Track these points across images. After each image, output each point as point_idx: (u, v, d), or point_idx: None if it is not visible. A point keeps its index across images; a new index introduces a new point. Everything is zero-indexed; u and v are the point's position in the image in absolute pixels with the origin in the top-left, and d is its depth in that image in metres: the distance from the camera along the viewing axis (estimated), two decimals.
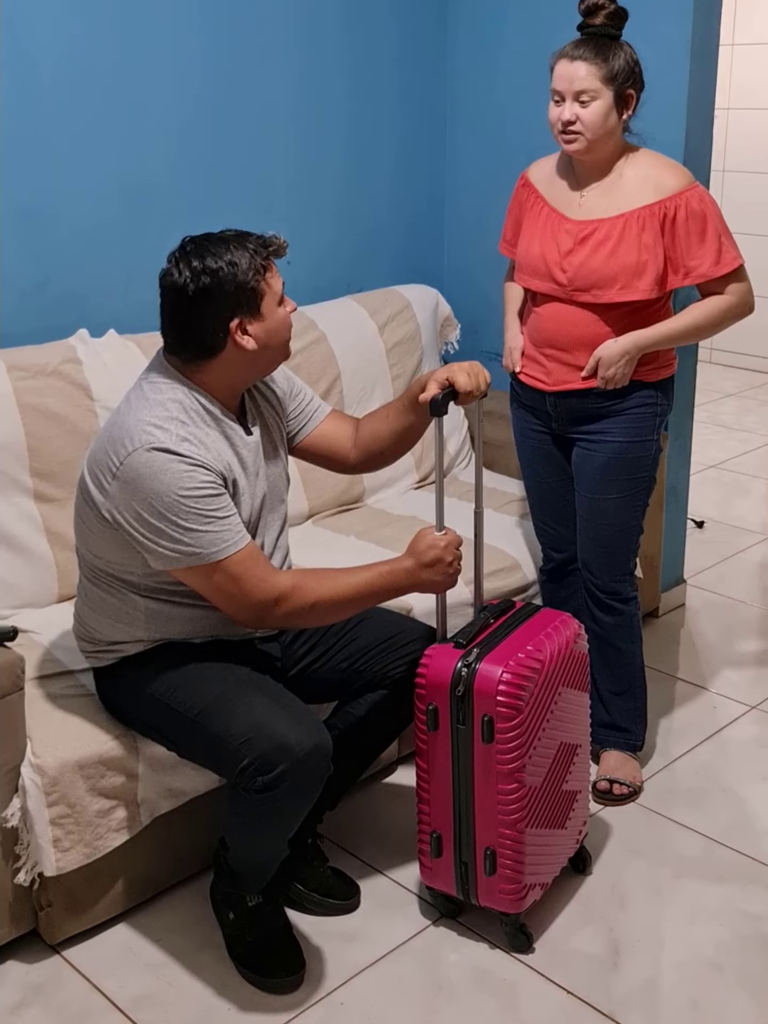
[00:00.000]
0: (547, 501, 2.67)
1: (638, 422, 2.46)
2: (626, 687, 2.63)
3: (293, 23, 3.05)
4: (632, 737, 2.64)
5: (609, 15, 2.32)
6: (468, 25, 3.36)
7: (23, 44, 2.56)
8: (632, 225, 2.34)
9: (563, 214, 2.43)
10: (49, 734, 2.07)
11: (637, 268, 2.34)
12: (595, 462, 2.49)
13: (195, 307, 1.90)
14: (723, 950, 2.16)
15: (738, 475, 4.68)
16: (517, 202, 2.57)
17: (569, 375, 2.45)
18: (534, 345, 2.51)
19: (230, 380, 1.99)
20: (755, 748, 2.79)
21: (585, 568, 2.59)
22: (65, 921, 2.12)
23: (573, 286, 2.39)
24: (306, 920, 2.21)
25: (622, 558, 2.56)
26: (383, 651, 2.20)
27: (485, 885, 2.10)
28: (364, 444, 2.22)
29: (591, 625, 2.60)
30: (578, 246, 2.38)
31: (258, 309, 1.93)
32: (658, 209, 2.34)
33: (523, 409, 2.61)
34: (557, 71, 2.33)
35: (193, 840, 2.27)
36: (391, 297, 3.28)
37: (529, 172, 2.55)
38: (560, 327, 2.44)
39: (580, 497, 2.55)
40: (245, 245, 1.91)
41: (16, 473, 2.47)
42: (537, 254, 2.44)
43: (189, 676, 2.02)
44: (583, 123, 2.30)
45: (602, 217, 2.37)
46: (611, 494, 2.49)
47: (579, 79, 2.28)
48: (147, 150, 2.84)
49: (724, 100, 5.55)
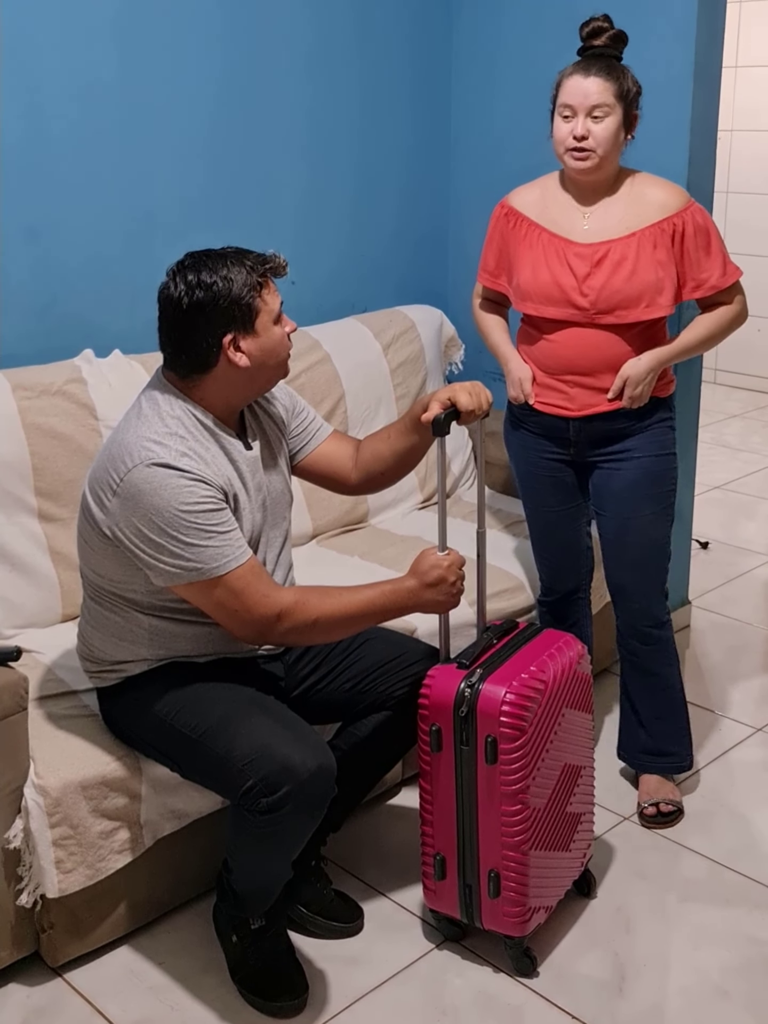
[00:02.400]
0: (552, 532, 2.64)
1: (660, 436, 2.49)
2: (668, 710, 2.61)
3: (302, 46, 3.08)
4: (677, 759, 2.62)
5: (611, 37, 2.36)
6: (471, 53, 3.38)
7: (29, 66, 2.58)
8: (645, 243, 2.36)
9: (567, 238, 2.41)
10: (52, 754, 2.06)
11: (657, 285, 2.36)
12: (624, 480, 2.48)
13: (189, 321, 1.91)
14: (729, 975, 2.14)
15: (742, 496, 4.67)
16: (498, 232, 2.55)
17: (594, 399, 2.44)
18: (548, 373, 2.48)
19: (226, 396, 1.99)
20: (761, 771, 2.77)
21: (619, 594, 2.56)
22: (67, 943, 2.11)
23: (596, 309, 2.38)
24: (309, 943, 2.20)
25: (657, 577, 2.55)
26: (387, 671, 2.19)
27: (489, 908, 2.09)
28: (365, 465, 2.22)
29: (626, 654, 2.60)
30: (595, 269, 2.37)
31: (252, 326, 1.93)
32: (667, 226, 2.36)
33: (533, 437, 2.56)
34: (568, 86, 2.32)
35: (196, 862, 2.26)
36: (395, 317, 3.29)
37: (510, 200, 2.53)
38: (581, 352, 2.42)
39: (606, 520, 2.52)
40: (242, 261, 1.92)
41: (20, 492, 2.47)
42: (549, 281, 2.41)
43: (193, 696, 2.02)
44: (595, 139, 2.31)
45: (612, 238, 2.38)
46: (645, 511, 2.48)
47: (594, 94, 2.29)
48: (153, 171, 2.85)
49: (727, 122, 5.58)
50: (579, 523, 2.63)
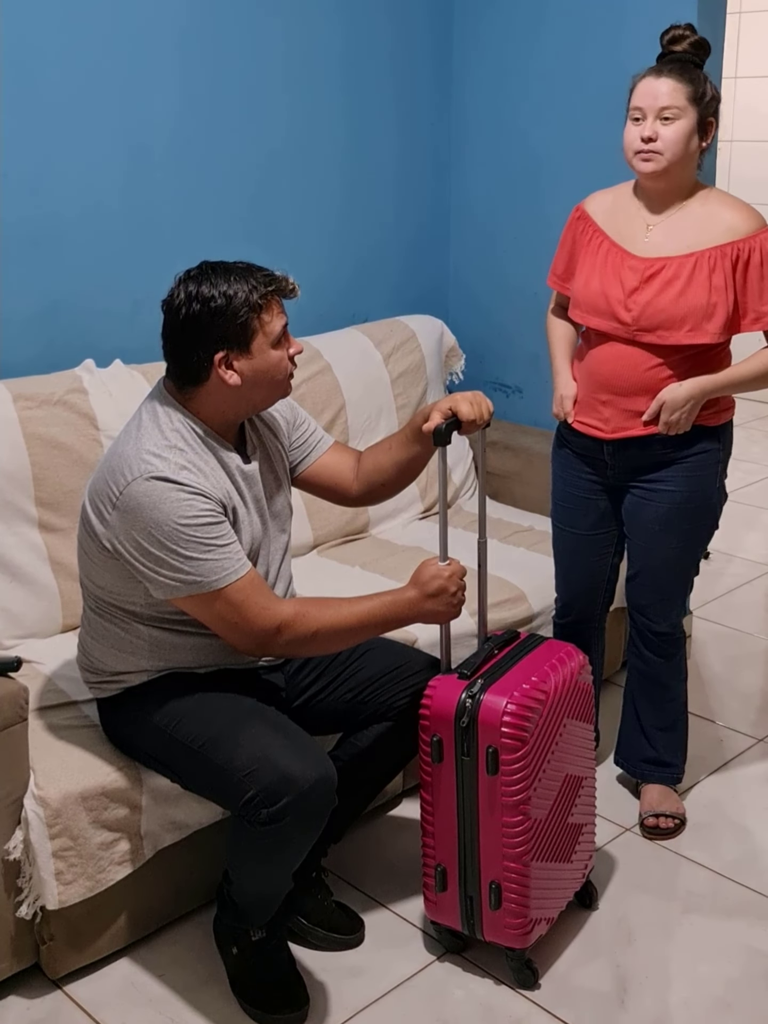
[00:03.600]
0: (576, 557, 2.58)
1: (700, 470, 2.37)
2: (671, 722, 2.60)
3: (296, 52, 3.08)
4: (675, 771, 2.62)
5: (693, 44, 2.27)
6: (474, 54, 3.39)
7: (28, 72, 2.59)
8: (703, 265, 2.24)
9: (626, 250, 2.32)
10: (52, 765, 2.06)
11: (707, 310, 2.24)
12: (654, 512, 2.40)
13: (184, 332, 1.91)
14: (732, 987, 2.13)
15: (744, 506, 4.67)
16: (571, 235, 2.45)
17: (628, 421, 2.35)
18: (589, 390, 2.40)
19: (220, 410, 1.98)
20: (762, 782, 2.77)
21: (640, 612, 2.53)
22: (67, 955, 2.10)
23: (637, 326, 2.28)
24: (310, 955, 2.19)
25: (679, 600, 2.53)
26: (388, 682, 2.19)
27: (490, 919, 2.08)
28: (366, 476, 2.22)
29: (638, 664, 2.58)
30: (644, 284, 2.28)
31: (247, 346, 1.91)
32: (731, 250, 2.24)
33: (575, 457, 2.49)
34: (641, 88, 2.24)
35: (196, 873, 2.25)
36: (396, 327, 3.29)
37: (586, 204, 2.44)
38: (619, 370, 2.33)
39: (633, 545, 2.48)
40: (247, 279, 1.90)
41: (21, 502, 2.47)
42: (598, 291, 2.33)
43: (193, 707, 2.01)
44: (664, 141, 2.21)
45: (671, 255, 2.27)
46: (671, 544, 2.41)
47: (664, 95, 2.20)
48: (154, 181, 2.86)
49: (727, 132, 5.61)
50: (605, 553, 2.56)
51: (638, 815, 2.59)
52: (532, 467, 3.27)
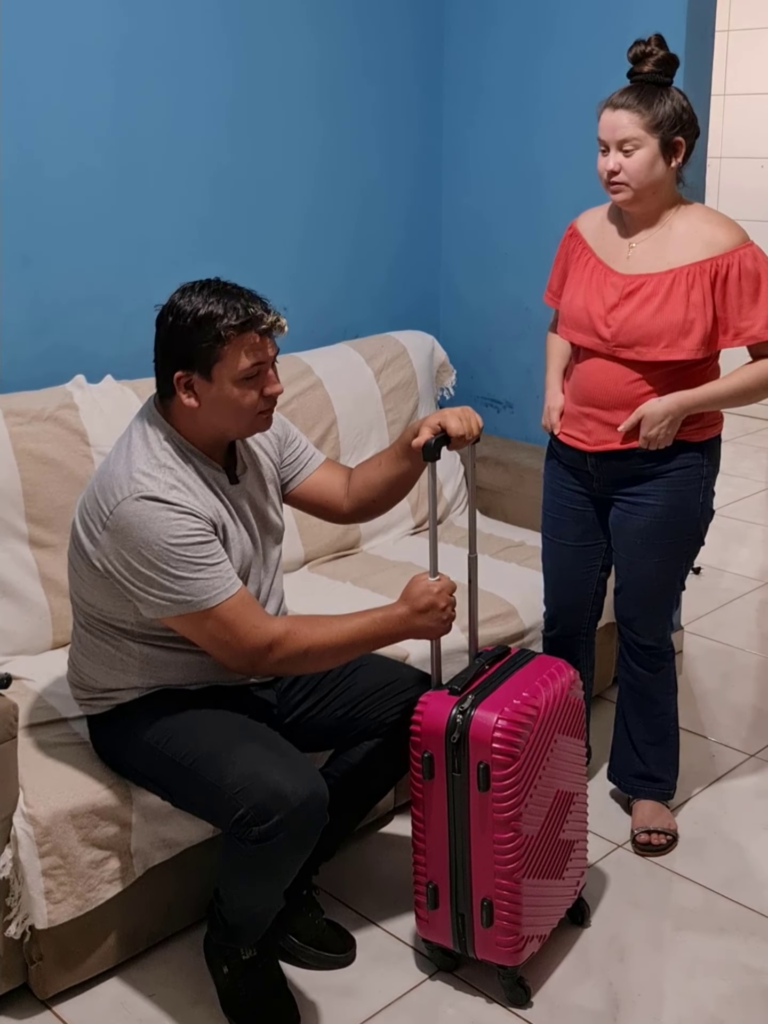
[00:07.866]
0: (564, 569, 2.59)
1: (682, 485, 2.37)
2: (661, 737, 2.60)
3: (288, 65, 3.09)
4: (666, 786, 2.62)
5: (658, 62, 2.25)
6: (466, 65, 3.40)
7: (24, 96, 2.59)
8: (681, 281, 2.25)
9: (609, 266, 2.34)
10: (42, 783, 2.05)
11: (683, 326, 2.25)
12: (635, 526, 2.41)
13: (157, 342, 1.93)
14: (725, 1004, 2.12)
15: (734, 521, 4.68)
16: (564, 252, 2.48)
17: (609, 435, 2.37)
18: (574, 403, 2.43)
19: (195, 429, 1.96)
20: (754, 797, 2.76)
21: (626, 625, 2.54)
22: (56, 975, 2.09)
23: (616, 341, 2.30)
24: (301, 974, 2.18)
25: (665, 613, 2.53)
26: (379, 698, 2.18)
27: (482, 937, 2.07)
28: (357, 493, 2.22)
29: (627, 677, 2.59)
30: (623, 300, 2.30)
31: (207, 372, 1.88)
32: (709, 266, 2.24)
33: (562, 468, 2.52)
34: (602, 120, 2.26)
35: (187, 892, 2.24)
36: (387, 343, 3.30)
37: (578, 221, 2.46)
38: (600, 384, 2.35)
39: (618, 557, 2.50)
40: (230, 305, 1.87)
41: (11, 518, 2.46)
42: (580, 307, 2.36)
43: (184, 724, 2.01)
44: (627, 173, 2.23)
45: (650, 272, 2.28)
46: (653, 558, 2.42)
47: (621, 128, 2.21)
48: (147, 198, 2.86)
49: (716, 149, 5.63)
50: (593, 566, 2.56)
51: (630, 831, 2.58)
52: (523, 482, 3.27)
